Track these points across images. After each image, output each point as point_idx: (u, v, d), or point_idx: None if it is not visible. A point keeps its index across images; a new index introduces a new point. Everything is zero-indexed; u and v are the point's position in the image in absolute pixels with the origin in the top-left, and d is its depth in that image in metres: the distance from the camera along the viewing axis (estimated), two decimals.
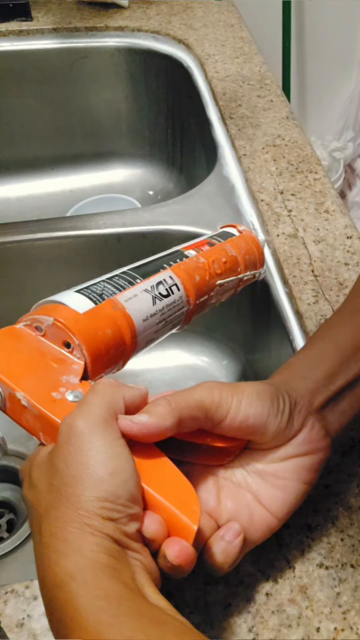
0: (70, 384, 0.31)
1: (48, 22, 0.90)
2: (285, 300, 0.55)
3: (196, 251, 0.43)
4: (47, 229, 0.63)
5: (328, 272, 0.55)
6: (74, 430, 0.28)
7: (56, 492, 0.27)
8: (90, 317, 0.33)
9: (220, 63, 0.85)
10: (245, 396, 0.32)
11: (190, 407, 0.31)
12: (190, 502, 0.29)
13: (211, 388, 0.32)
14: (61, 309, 0.33)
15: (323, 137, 1.60)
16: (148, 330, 0.36)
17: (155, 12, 0.95)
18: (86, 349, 0.32)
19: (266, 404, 0.32)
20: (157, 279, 0.38)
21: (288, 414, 0.33)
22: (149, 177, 0.99)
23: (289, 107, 0.77)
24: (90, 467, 0.27)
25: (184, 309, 0.39)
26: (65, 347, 0.33)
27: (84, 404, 0.29)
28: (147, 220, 0.64)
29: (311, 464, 0.34)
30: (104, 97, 0.93)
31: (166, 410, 0.30)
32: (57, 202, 0.95)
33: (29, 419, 0.31)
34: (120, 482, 0.27)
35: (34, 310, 0.34)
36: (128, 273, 0.38)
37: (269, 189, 0.65)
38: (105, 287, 0.36)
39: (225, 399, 0.32)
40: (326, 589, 0.35)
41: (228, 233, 0.47)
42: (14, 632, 0.35)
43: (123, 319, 0.35)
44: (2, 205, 0.95)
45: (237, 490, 0.34)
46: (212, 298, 0.42)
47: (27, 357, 0.32)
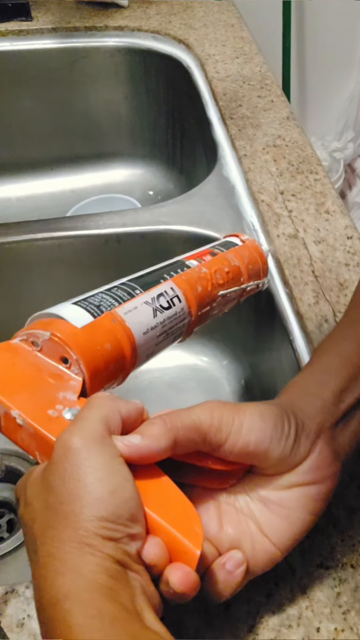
0: (68, 400, 0.30)
1: (47, 22, 0.90)
2: (285, 301, 0.55)
3: (198, 261, 0.42)
4: (47, 229, 0.63)
5: (328, 273, 0.55)
6: (70, 447, 0.27)
7: (53, 510, 0.26)
8: (88, 331, 0.32)
9: (221, 63, 0.85)
10: (246, 419, 0.30)
11: (187, 428, 0.29)
12: (192, 525, 0.28)
13: (212, 409, 0.30)
14: (58, 323, 0.32)
15: (323, 137, 1.60)
16: (149, 343, 0.35)
17: (155, 11, 0.95)
18: (84, 365, 0.31)
19: (269, 428, 0.31)
20: (158, 290, 0.37)
21: (293, 439, 0.31)
22: (149, 177, 0.99)
23: (290, 108, 0.77)
24: (89, 484, 0.26)
25: (186, 320, 0.38)
26: (62, 363, 0.32)
27: (79, 420, 0.28)
28: (147, 221, 0.64)
29: (318, 493, 0.32)
30: (103, 97, 0.93)
31: (160, 431, 0.29)
32: (57, 203, 0.95)
33: (24, 438, 0.30)
34: (121, 501, 0.26)
35: (30, 325, 0.33)
36: (127, 284, 0.37)
37: (269, 190, 0.64)
38: (104, 299, 0.35)
39: (225, 423, 0.30)
40: (326, 590, 0.35)
41: (231, 242, 0.46)
42: (14, 632, 0.35)
43: (122, 332, 0.33)
44: (2, 205, 0.95)
45: (240, 517, 0.32)
46: (214, 309, 0.41)
47: (23, 374, 0.31)
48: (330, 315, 0.52)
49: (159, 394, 0.68)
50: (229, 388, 0.71)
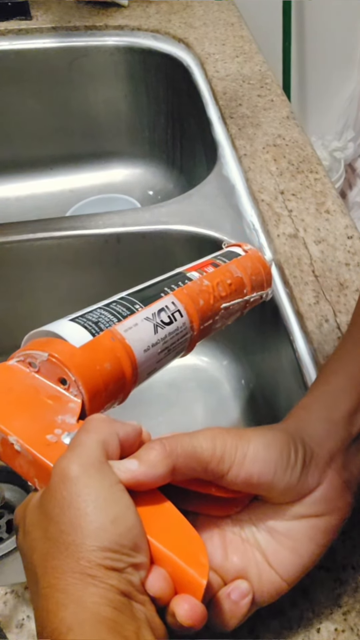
0: (66, 424, 0.29)
1: (47, 21, 0.90)
2: (285, 301, 0.54)
3: (199, 273, 0.40)
4: (47, 229, 0.63)
5: (329, 273, 0.55)
6: (68, 475, 0.26)
7: (53, 540, 0.25)
8: (87, 350, 0.31)
9: (221, 62, 0.84)
10: (250, 449, 0.29)
11: (187, 455, 0.28)
12: (197, 554, 0.27)
13: (214, 437, 0.29)
14: (56, 342, 0.31)
15: (323, 137, 1.60)
16: (150, 361, 0.34)
17: (155, 10, 0.95)
18: (83, 386, 0.30)
19: (273, 459, 0.29)
20: (158, 305, 0.36)
21: (300, 469, 0.30)
22: (148, 177, 0.99)
23: (290, 107, 0.77)
24: (90, 514, 0.25)
25: (188, 335, 0.37)
26: (61, 384, 0.31)
27: (76, 445, 0.27)
28: (147, 220, 0.64)
29: (327, 525, 0.31)
30: (103, 96, 0.93)
31: (158, 458, 0.28)
32: (57, 202, 0.95)
33: (22, 464, 0.28)
34: (124, 530, 0.25)
35: (27, 345, 0.32)
36: (127, 299, 0.36)
37: (269, 189, 0.64)
38: (102, 315, 0.34)
39: (228, 453, 0.29)
40: (326, 591, 0.35)
41: (233, 253, 0.44)
42: (14, 633, 0.34)
43: (122, 350, 0.32)
44: (1, 205, 0.95)
45: (246, 546, 0.31)
46: (217, 322, 0.40)
47: (20, 397, 0.30)
48: (331, 315, 0.52)
49: (159, 394, 0.68)
50: (229, 388, 0.71)
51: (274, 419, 0.63)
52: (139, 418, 0.31)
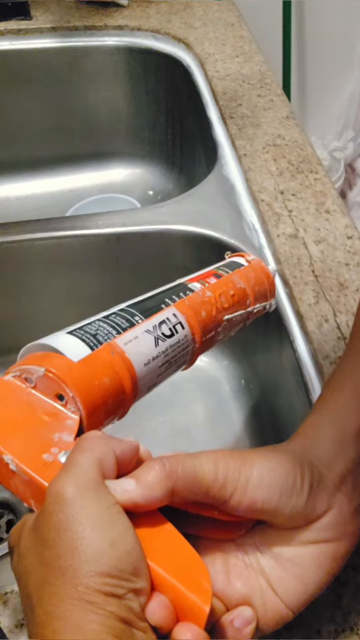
0: (64, 442, 0.28)
1: (47, 21, 0.90)
2: (285, 301, 0.54)
3: (201, 284, 0.39)
4: (47, 228, 0.63)
5: (329, 273, 0.55)
6: (63, 497, 0.24)
7: (49, 565, 0.24)
8: (85, 365, 0.30)
9: (221, 62, 0.84)
10: (254, 474, 0.28)
11: (187, 478, 0.27)
12: (199, 579, 0.26)
13: (216, 460, 0.28)
14: (53, 357, 0.30)
15: (323, 136, 1.60)
16: (150, 375, 0.33)
17: (155, 10, 0.95)
18: (81, 402, 0.29)
19: (278, 485, 0.28)
20: (159, 317, 0.35)
21: (307, 494, 0.29)
22: (148, 177, 0.99)
23: (290, 107, 0.77)
24: (87, 537, 0.24)
25: (189, 348, 0.36)
26: (58, 400, 0.29)
27: (72, 465, 0.26)
28: (147, 220, 0.64)
29: (335, 552, 0.30)
30: (103, 96, 0.93)
31: (156, 479, 0.26)
32: (57, 202, 0.95)
33: (18, 485, 0.27)
34: (122, 554, 0.24)
35: (24, 359, 0.31)
36: (127, 310, 0.35)
37: (269, 189, 0.64)
38: (101, 327, 0.33)
39: (230, 478, 0.28)
40: (327, 592, 0.35)
41: (236, 263, 0.44)
42: (14, 633, 0.34)
43: (122, 364, 0.31)
44: (2, 205, 0.95)
45: (249, 572, 0.30)
46: (219, 334, 0.39)
47: (15, 414, 0.29)
48: (331, 315, 0.52)
49: (158, 394, 0.68)
50: (229, 388, 0.71)
51: (274, 419, 0.63)
52: (139, 418, 0.31)
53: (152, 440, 0.65)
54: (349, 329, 0.51)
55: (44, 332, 0.81)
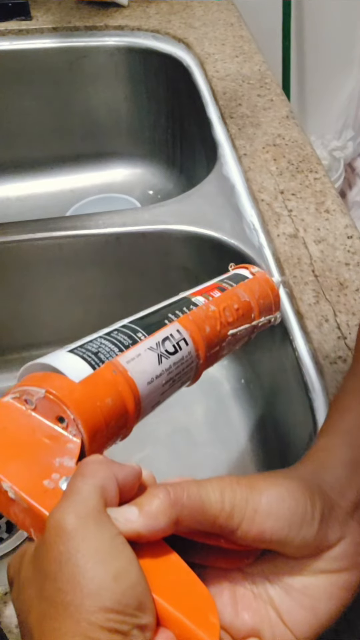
0: (64, 468, 0.27)
1: (47, 22, 0.90)
2: (285, 301, 0.54)
3: (205, 297, 0.39)
4: (47, 228, 0.63)
5: (329, 272, 0.55)
6: (64, 527, 0.23)
7: (50, 600, 0.23)
8: (87, 385, 0.29)
9: (220, 62, 0.84)
10: (262, 504, 0.27)
11: (193, 507, 0.26)
12: (206, 613, 0.25)
13: (223, 489, 0.26)
14: (53, 377, 0.29)
15: (323, 136, 1.60)
16: (153, 393, 0.32)
17: (155, 11, 0.95)
18: (83, 424, 0.28)
19: (287, 516, 0.27)
20: (163, 334, 0.34)
21: (318, 524, 0.28)
22: (148, 177, 0.99)
23: (289, 107, 0.77)
24: (89, 570, 0.23)
25: (193, 364, 0.35)
26: (58, 422, 0.28)
27: (72, 493, 0.24)
28: (147, 220, 0.64)
29: (348, 582, 0.28)
30: (103, 96, 0.93)
31: (160, 508, 0.25)
32: (57, 202, 0.95)
33: (17, 513, 0.26)
34: (127, 588, 0.23)
35: (24, 380, 0.30)
36: (129, 326, 0.34)
37: (269, 189, 0.64)
38: (103, 345, 0.32)
39: (237, 507, 0.26)
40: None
41: (240, 275, 0.43)
42: (14, 633, 0.34)
43: (125, 384, 0.30)
44: (2, 205, 0.95)
45: (258, 603, 0.28)
46: (223, 349, 0.38)
47: (15, 437, 0.28)
48: (331, 315, 0.52)
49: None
50: (228, 387, 0.71)
51: (274, 419, 0.63)
52: None
53: (152, 440, 0.65)
54: (349, 329, 0.51)
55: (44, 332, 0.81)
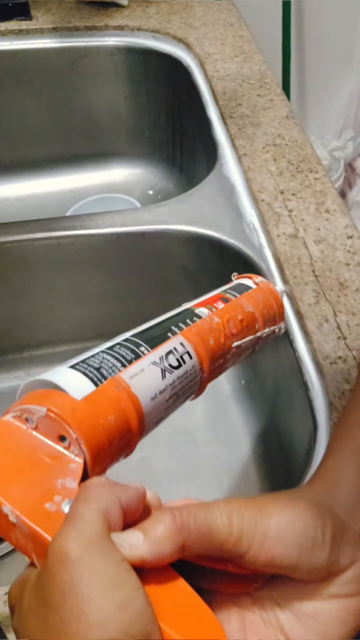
0: (67, 489, 0.26)
1: (47, 22, 0.90)
2: (285, 301, 0.54)
3: (208, 309, 0.38)
4: (47, 228, 0.63)
5: (329, 272, 0.55)
6: (67, 555, 0.22)
7: (54, 630, 0.22)
8: (89, 403, 0.28)
9: (220, 62, 0.84)
10: (271, 528, 0.26)
11: (200, 533, 0.25)
12: None
13: (230, 513, 0.26)
14: (55, 395, 0.28)
15: (323, 136, 1.60)
16: (157, 409, 0.31)
17: (155, 11, 0.95)
18: (85, 444, 0.27)
19: (298, 539, 0.26)
20: (166, 348, 0.33)
21: (330, 548, 0.27)
22: (148, 177, 0.99)
23: (289, 107, 0.77)
24: (94, 599, 0.22)
25: (197, 378, 0.34)
26: (60, 442, 0.28)
27: (75, 518, 0.23)
28: (147, 220, 0.64)
29: None
30: (103, 96, 0.93)
31: (166, 533, 0.24)
32: (57, 202, 0.95)
33: (19, 538, 0.25)
34: (133, 617, 0.22)
35: (24, 398, 0.29)
36: (131, 340, 0.33)
37: (269, 189, 0.64)
38: (105, 360, 0.31)
39: (246, 533, 0.25)
40: None
41: (243, 285, 0.42)
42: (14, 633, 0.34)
43: (128, 400, 0.29)
44: (2, 205, 0.95)
45: (268, 629, 0.27)
46: (228, 361, 0.37)
47: (16, 458, 0.27)
48: (331, 315, 0.52)
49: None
50: (229, 388, 0.71)
51: (274, 419, 0.63)
52: None
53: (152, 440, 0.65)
54: (349, 329, 0.51)
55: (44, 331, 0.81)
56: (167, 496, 0.28)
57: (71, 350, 0.72)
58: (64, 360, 0.31)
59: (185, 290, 0.70)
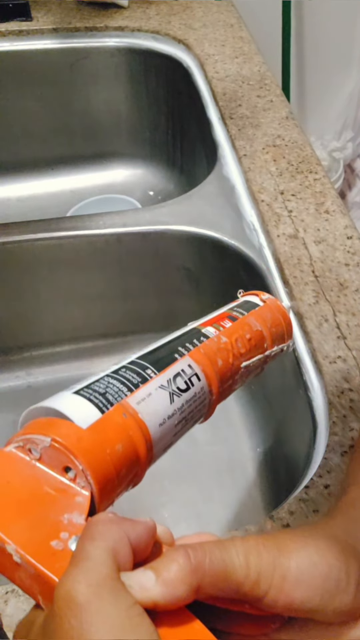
0: (74, 525, 0.25)
1: (48, 22, 0.90)
2: (286, 301, 0.55)
3: (215, 328, 0.36)
4: (48, 229, 0.63)
5: (328, 273, 0.55)
6: (75, 599, 0.21)
7: None
8: (96, 431, 0.27)
9: (220, 63, 0.85)
10: (292, 569, 0.24)
11: (216, 574, 0.23)
12: None
13: (247, 553, 0.24)
14: (59, 424, 0.27)
15: (323, 137, 1.61)
16: (166, 436, 0.30)
17: (155, 12, 0.95)
18: (92, 475, 0.26)
19: (320, 581, 0.24)
20: (174, 370, 0.31)
21: (354, 590, 0.25)
22: (149, 178, 0.99)
23: (289, 107, 0.77)
24: None
25: (206, 401, 0.33)
26: (65, 473, 0.26)
27: (82, 559, 0.22)
28: (148, 221, 0.64)
29: None
30: (104, 97, 0.93)
31: (180, 575, 0.22)
32: (58, 203, 0.95)
33: (24, 579, 0.24)
34: None
35: (27, 426, 0.28)
36: (137, 363, 0.31)
37: (269, 189, 0.65)
38: (111, 385, 0.29)
39: (264, 575, 0.23)
40: None
41: (250, 303, 0.41)
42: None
43: (136, 427, 0.28)
44: (3, 205, 0.95)
45: None
46: (236, 382, 0.36)
47: (19, 492, 0.26)
48: (330, 315, 0.52)
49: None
50: None
51: (274, 418, 0.63)
52: None
53: None
54: (349, 329, 0.51)
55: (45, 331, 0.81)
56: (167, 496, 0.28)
57: (71, 350, 0.72)
58: (64, 360, 0.31)
59: (186, 291, 0.70)
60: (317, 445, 0.45)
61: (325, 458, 0.42)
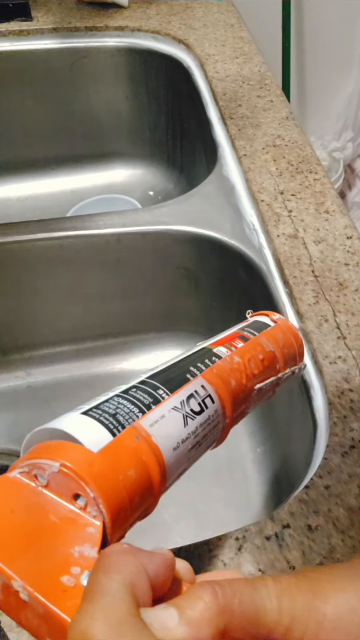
0: (85, 558, 0.22)
1: (48, 22, 0.90)
2: (285, 301, 0.55)
3: (227, 347, 0.35)
4: (48, 229, 0.63)
5: (328, 273, 0.55)
6: (93, 638, 0.18)
7: None
8: (107, 455, 0.25)
9: (220, 63, 0.85)
10: (328, 616, 0.21)
11: (244, 616, 0.20)
12: None
13: (280, 595, 0.21)
14: (68, 447, 0.25)
15: (323, 137, 1.61)
16: (180, 460, 0.28)
17: (155, 11, 0.95)
18: (104, 504, 0.24)
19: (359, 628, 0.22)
20: (187, 391, 0.30)
21: None
22: (149, 178, 0.99)
23: (289, 107, 0.77)
24: None
25: (220, 424, 0.31)
26: (75, 501, 0.24)
27: (97, 594, 0.19)
28: (148, 221, 0.64)
29: None
30: (104, 97, 0.93)
31: (205, 615, 0.20)
32: (58, 203, 0.95)
33: (31, 618, 0.21)
34: None
35: (33, 450, 0.26)
36: (148, 382, 0.30)
37: (269, 189, 0.65)
38: (121, 405, 0.28)
39: (298, 620, 0.21)
40: None
41: (261, 323, 0.39)
42: (15, 632, 0.35)
43: (149, 452, 0.26)
44: (3, 205, 0.95)
45: None
46: (249, 405, 0.35)
47: (25, 522, 0.24)
48: (330, 315, 0.52)
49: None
50: None
51: (274, 418, 0.63)
52: None
53: None
54: (349, 329, 0.51)
55: (45, 332, 0.81)
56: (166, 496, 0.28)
57: (71, 350, 0.72)
58: (63, 360, 0.30)
59: (185, 290, 0.70)
60: (317, 446, 0.45)
61: (326, 458, 0.42)
